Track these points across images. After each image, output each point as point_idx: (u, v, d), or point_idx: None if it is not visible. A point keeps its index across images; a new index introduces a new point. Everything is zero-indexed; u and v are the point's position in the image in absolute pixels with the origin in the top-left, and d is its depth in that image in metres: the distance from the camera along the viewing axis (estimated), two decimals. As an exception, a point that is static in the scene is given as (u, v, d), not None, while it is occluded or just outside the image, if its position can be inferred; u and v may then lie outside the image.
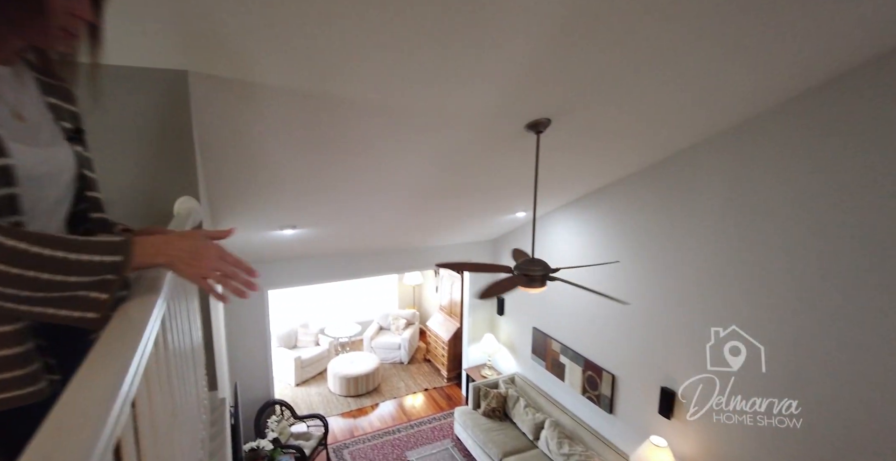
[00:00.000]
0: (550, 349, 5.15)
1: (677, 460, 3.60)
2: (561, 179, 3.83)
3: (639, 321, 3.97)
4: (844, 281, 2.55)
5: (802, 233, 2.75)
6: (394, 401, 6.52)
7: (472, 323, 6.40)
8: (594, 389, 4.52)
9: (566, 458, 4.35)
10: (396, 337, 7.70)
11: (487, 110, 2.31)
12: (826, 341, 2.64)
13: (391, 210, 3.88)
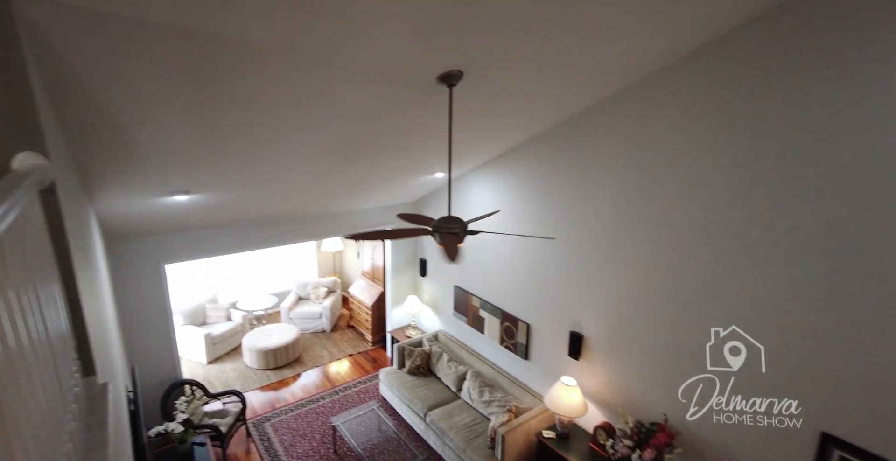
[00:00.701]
0: (471, 305, 5.33)
1: (585, 395, 3.98)
2: (476, 137, 3.81)
3: (550, 274, 4.22)
4: (730, 221, 2.88)
5: (696, 185, 3.03)
6: (317, 370, 6.42)
7: (396, 286, 6.40)
8: (511, 339, 4.80)
9: (486, 405, 4.63)
10: (317, 306, 7.49)
11: (396, 57, 2.16)
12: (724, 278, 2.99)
13: (299, 171, 3.60)
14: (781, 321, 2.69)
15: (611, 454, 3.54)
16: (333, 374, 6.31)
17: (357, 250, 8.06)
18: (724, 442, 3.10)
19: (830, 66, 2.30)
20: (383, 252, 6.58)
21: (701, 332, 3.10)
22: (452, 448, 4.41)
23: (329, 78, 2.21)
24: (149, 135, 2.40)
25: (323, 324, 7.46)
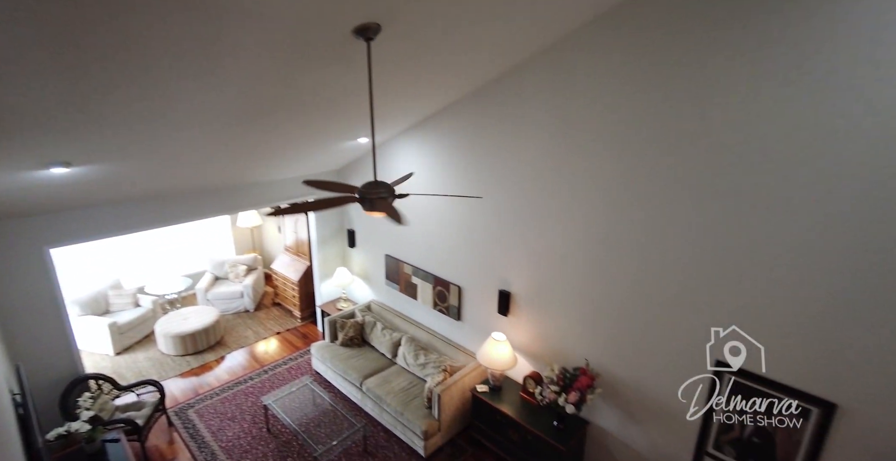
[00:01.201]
0: (403, 272, 5.32)
1: (514, 349, 4.20)
2: (400, 98, 3.66)
3: (479, 237, 4.30)
4: (650, 179, 3.08)
5: (613, 143, 3.18)
6: (243, 351, 6.11)
7: (323, 259, 6.18)
8: (444, 302, 4.89)
9: (422, 367, 4.72)
10: (237, 285, 7.05)
11: (305, 4, 1.95)
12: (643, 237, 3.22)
13: (198, 136, 3.23)
14: (691, 256, 2.98)
15: (539, 400, 3.80)
16: (261, 354, 6.05)
17: (277, 224, 7.62)
18: (637, 379, 3.46)
19: (734, 26, 2.48)
20: (307, 225, 6.28)
21: (621, 284, 3.36)
22: (390, 412, 4.48)
23: (217, 17, 1.91)
24: (8, 85, 1.97)
25: (245, 303, 7.06)
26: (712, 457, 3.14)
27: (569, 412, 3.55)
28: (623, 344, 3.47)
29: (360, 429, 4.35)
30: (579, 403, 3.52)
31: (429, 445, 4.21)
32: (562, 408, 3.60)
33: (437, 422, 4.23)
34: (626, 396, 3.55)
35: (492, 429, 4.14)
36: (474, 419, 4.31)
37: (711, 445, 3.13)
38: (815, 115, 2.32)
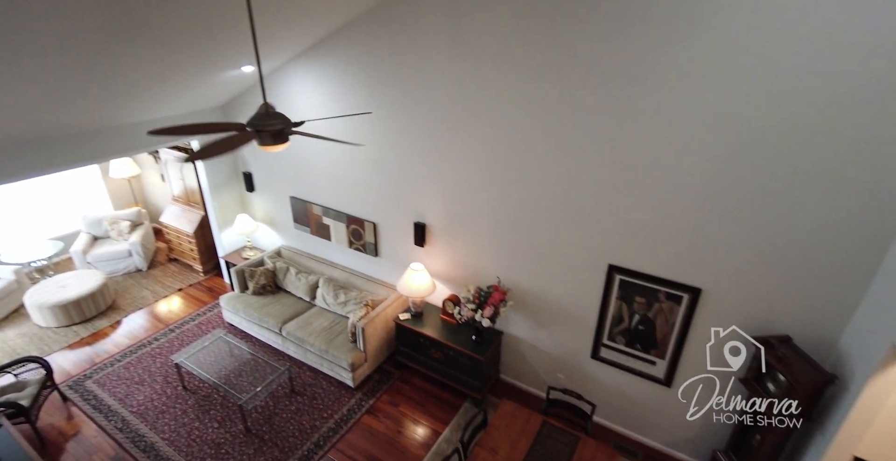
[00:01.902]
0: (312, 214, 5.07)
1: (432, 276, 4.32)
2: (281, 15, 3.21)
3: (390, 170, 4.17)
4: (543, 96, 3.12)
5: (512, 66, 3.14)
6: (142, 313, 5.59)
7: (220, 207, 5.65)
8: (359, 240, 4.80)
9: (343, 305, 4.71)
10: (121, 244, 6.26)
11: None
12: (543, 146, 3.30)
13: (44, 73, 2.59)
14: (581, 179, 3.19)
15: (458, 319, 4.02)
16: (164, 313, 5.58)
17: (160, 172, 6.74)
18: (542, 289, 3.77)
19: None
20: (195, 171, 5.62)
21: (523, 207, 3.51)
22: (314, 352, 4.47)
23: None
24: None
25: (135, 262, 6.34)
26: (607, 346, 3.62)
27: (485, 326, 3.81)
28: (528, 259, 3.72)
29: (285, 371, 4.31)
30: (494, 317, 3.78)
31: (356, 376, 4.32)
32: (479, 323, 3.85)
33: (363, 354, 4.32)
34: (534, 305, 3.88)
35: (416, 351, 4.34)
36: (399, 345, 4.48)
37: (606, 337, 3.59)
38: (692, 24, 2.48)
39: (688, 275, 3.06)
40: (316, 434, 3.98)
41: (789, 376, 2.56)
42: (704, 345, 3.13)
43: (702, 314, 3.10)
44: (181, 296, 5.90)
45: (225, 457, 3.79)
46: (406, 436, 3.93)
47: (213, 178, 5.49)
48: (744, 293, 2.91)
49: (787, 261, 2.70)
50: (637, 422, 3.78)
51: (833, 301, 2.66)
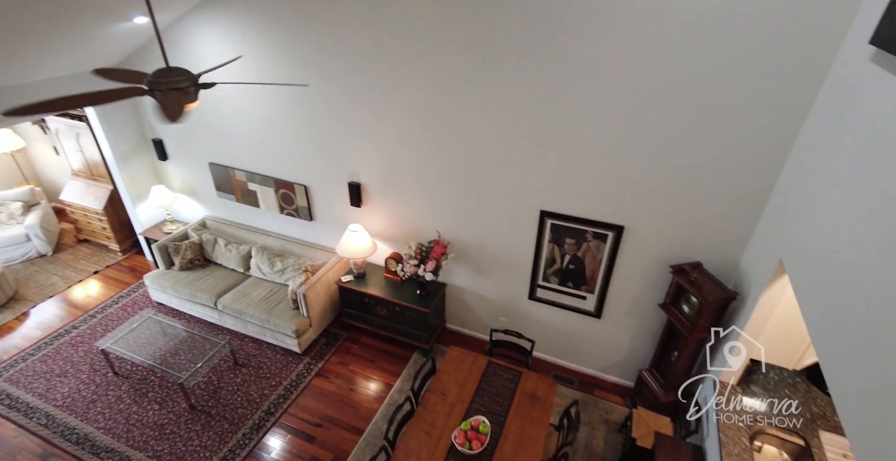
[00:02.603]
0: (236, 180, 4.76)
1: (372, 236, 4.27)
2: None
3: (318, 129, 3.96)
4: (460, 46, 3.05)
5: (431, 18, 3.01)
6: (54, 301, 5.07)
7: (130, 179, 5.13)
8: (291, 204, 4.60)
9: (281, 273, 4.56)
10: (15, 228, 5.54)
11: None
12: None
13: None
14: (509, 131, 3.22)
15: (402, 276, 4.04)
16: (81, 299, 5.11)
17: (52, 144, 5.94)
18: (481, 239, 3.87)
19: None
20: (95, 140, 5.01)
21: (456, 160, 3.51)
22: (255, 322, 4.34)
23: None
24: None
25: (37, 247, 5.67)
26: (543, 287, 3.83)
27: (428, 279, 3.88)
28: (466, 212, 3.77)
29: (225, 344, 4.16)
30: (436, 270, 3.85)
31: (302, 341, 4.27)
32: (422, 277, 3.90)
33: (307, 319, 4.26)
34: (474, 255, 3.98)
35: (362, 311, 4.35)
36: (344, 307, 4.45)
37: (541, 279, 3.79)
38: None
39: (611, 214, 3.26)
40: (266, 402, 3.93)
41: (700, 297, 2.87)
42: (629, 277, 3.41)
43: (625, 249, 3.35)
44: (99, 279, 5.41)
45: (170, 437, 3.66)
46: (358, 393, 4.00)
47: (118, 147, 4.94)
48: (660, 227, 3.16)
49: (694, 197, 2.96)
50: (572, 352, 4.11)
51: (734, 229, 2.97)
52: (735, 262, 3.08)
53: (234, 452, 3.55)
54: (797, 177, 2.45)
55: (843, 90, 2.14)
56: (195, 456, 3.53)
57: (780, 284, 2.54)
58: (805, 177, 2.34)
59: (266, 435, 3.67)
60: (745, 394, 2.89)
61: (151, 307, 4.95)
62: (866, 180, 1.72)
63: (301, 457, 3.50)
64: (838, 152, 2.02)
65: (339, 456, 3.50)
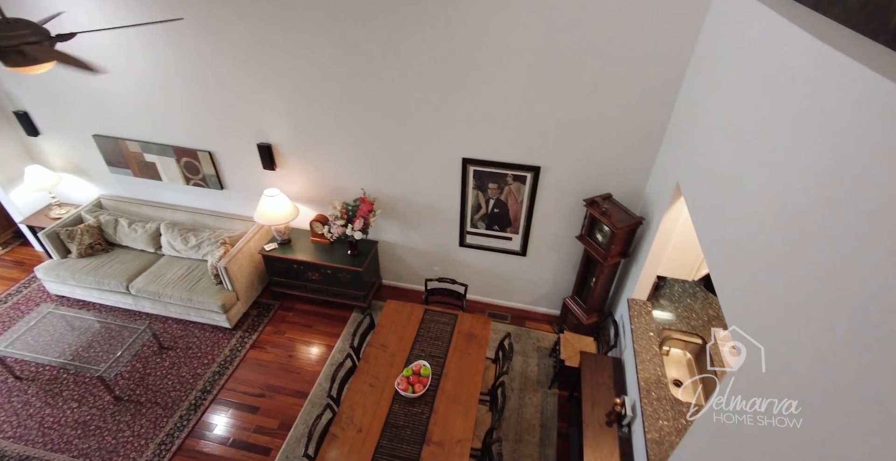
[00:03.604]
0: (129, 152, 4.27)
1: (292, 199, 4.07)
2: None
3: (215, 89, 3.59)
4: None
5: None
6: (-78, 308, 4.39)
7: (-7, 161, 4.42)
8: (197, 174, 4.24)
9: (196, 249, 4.25)
10: None
11: None
12: (358, 47, 3.10)
13: None
14: (428, 83, 3.14)
15: (329, 238, 3.94)
16: (-42, 303, 4.47)
17: None
18: (407, 193, 3.84)
19: None
20: (-63, 115, 4.21)
21: (373, 112, 3.37)
22: (176, 303, 4.06)
23: None
24: None
25: None
26: (471, 233, 3.92)
27: (358, 238, 3.81)
28: (389, 167, 3.70)
29: (145, 329, 3.87)
30: (365, 228, 3.78)
31: (231, 316, 4.08)
32: (351, 237, 3.83)
33: (233, 293, 4.05)
34: (402, 210, 3.96)
35: (292, 278, 4.21)
36: (272, 276, 4.28)
37: (469, 225, 3.87)
38: None
39: (527, 156, 3.36)
40: (200, 381, 3.76)
41: (611, 225, 3.09)
42: (549, 215, 3.59)
43: (543, 188, 3.49)
44: (-23, 279, 4.74)
45: (97, 433, 3.41)
46: (299, 359, 3.95)
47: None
48: (572, 164, 3.31)
49: (601, 134, 3.12)
50: (504, 291, 4.31)
51: (639, 159, 3.18)
52: (641, 190, 3.33)
53: (173, 436, 3.40)
54: (689, 106, 2.66)
55: (722, 24, 2.31)
56: (129, 446, 3.34)
57: (677, 206, 2.79)
58: (695, 106, 2.55)
59: (205, 413, 3.55)
60: (655, 308, 3.22)
61: (50, 301, 4.45)
62: (744, 105, 1.91)
63: (246, 429, 3.44)
64: (721, 81, 2.20)
65: (286, 421, 3.48)
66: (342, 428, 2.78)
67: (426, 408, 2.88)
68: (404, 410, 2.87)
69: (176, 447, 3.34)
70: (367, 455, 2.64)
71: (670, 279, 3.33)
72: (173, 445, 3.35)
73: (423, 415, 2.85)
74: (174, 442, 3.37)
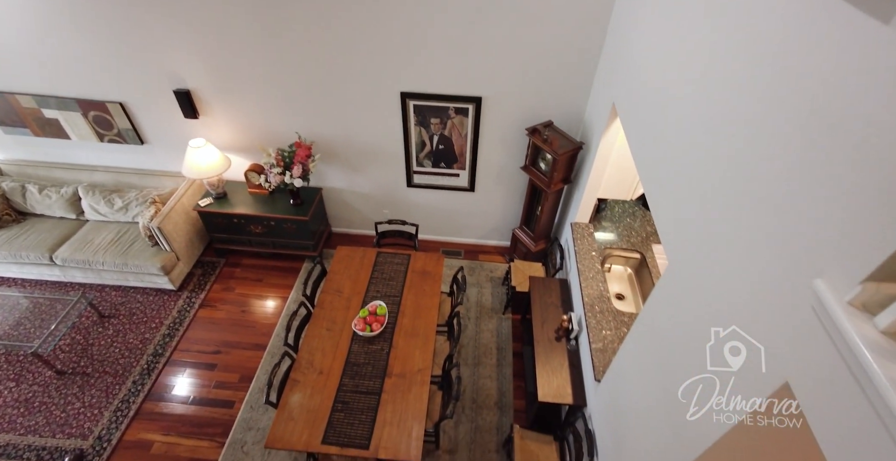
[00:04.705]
0: (23, 109, 3.77)
1: (221, 149, 3.79)
2: None
3: (115, 28, 3.15)
4: None
5: None
6: None
7: None
8: (110, 129, 3.83)
9: (124, 211, 3.93)
10: None
11: None
12: None
13: None
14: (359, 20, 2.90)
15: (268, 188, 3.74)
16: None
17: None
18: (346, 134, 3.66)
19: None
20: None
21: (301, 49, 3.10)
22: (111, 269, 3.80)
23: None
24: None
25: None
26: (418, 172, 3.85)
27: (298, 186, 3.64)
28: (324, 107, 3.49)
29: (79, 300, 3.63)
30: (305, 175, 3.61)
31: (174, 277, 3.89)
32: (291, 185, 3.65)
33: (172, 254, 3.84)
34: (343, 153, 3.79)
35: (234, 233, 4.02)
36: (212, 233, 4.07)
37: (415, 164, 3.79)
38: None
39: (468, 87, 3.25)
40: (150, 345, 3.63)
41: (552, 152, 3.10)
42: (493, 147, 3.55)
43: (486, 120, 3.43)
44: None
45: (42, 409, 3.26)
46: (252, 313, 3.87)
47: None
48: (514, 93, 3.25)
49: (539, 60, 3.05)
50: (455, 228, 4.34)
51: (577, 83, 3.16)
52: (580, 115, 3.34)
53: (128, 401, 3.31)
54: (621, 26, 2.63)
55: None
56: (82, 417, 3.23)
57: (614, 128, 2.83)
58: (627, 24, 2.52)
59: (160, 376, 3.45)
60: (597, 230, 3.34)
61: (-38, 282, 4.06)
62: (669, 19, 1.89)
63: (206, 386, 3.39)
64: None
65: (246, 374, 3.46)
66: (302, 372, 2.78)
67: (385, 345, 2.93)
68: (364, 349, 2.90)
69: (133, 412, 3.26)
70: (330, 394, 2.68)
71: (611, 201, 3.45)
72: (130, 410, 3.26)
73: (382, 351, 2.90)
74: (130, 407, 3.28)
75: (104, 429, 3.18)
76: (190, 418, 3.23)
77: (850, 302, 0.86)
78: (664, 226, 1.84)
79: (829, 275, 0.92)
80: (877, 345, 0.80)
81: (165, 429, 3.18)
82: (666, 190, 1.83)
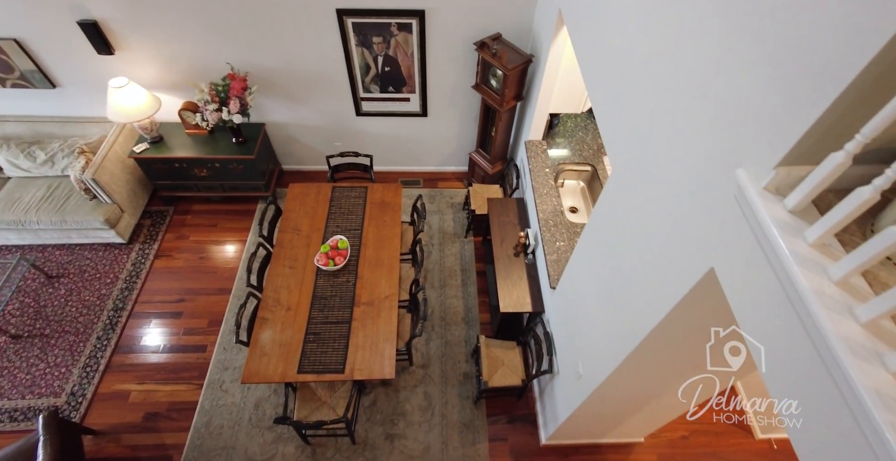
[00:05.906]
0: None
1: (147, 88, 3.45)
2: None
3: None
4: None
5: None
6: None
7: None
8: (11, 72, 3.40)
9: (50, 164, 3.61)
10: None
11: None
12: None
13: None
14: None
15: (206, 127, 3.48)
16: None
17: None
18: (285, 61, 3.38)
19: None
20: None
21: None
22: (48, 227, 3.56)
23: None
24: None
25: None
26: (366, 99, 3.66)
27: (238, 122, 3.41)
28: (253, 32, 3.18)
29: (18, 262, 3.43)
30: (244, 110, 3.37)
31: (121, 230, 3.70)
32: (230, 122, 3.41)
33: (114, 205, 3.61)
34: (283, 83, 3.54)
35: (177, 179, 3.79)
36: (154, 180, 3.83)
37: (362, 90, 3.59)
38: None
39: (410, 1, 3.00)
40: (109, 300, 3.53)
41: (502, 67, 2.98)
42: (442, 66, 3.38)
43: (432, 35, 3.22)
44: None
45: (5, 373, 3.21)
46: (211, 259, 3.78)
47: None
48: (459, 3, 3.03)
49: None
50: (411, 156, 4.25)
51: (524, -8, 2.97)
52: (529, 25, 3.18)
53: (96, 357, 3.27)
54: None
55: None
56: (49, 377, 3.19)
57: (562, 37, 2.71)
58: None
59: (125, 329, 3.40)
60: (550, 146, 3.33)
61: None
62: None
63: (175, 333, 3.38)
64: None
65: (215, 318, 3.45)
66: (270, 310, 2.79)
67: (351, 277, 2.94)
68: (329, 283, 2.91)
69: (103, 366, 3.23)
70: (300, 327, 2.72)
71: (563, 115, 3.41)
72: (99, 365, 3.24)
73: (348, 283, 2.92)
74: (99, 362, 3.25)
75: (76, 385, 3.16)
76: (164, 365, 3.24)
77: (766, 187, 0.93)
78: (608, 133, 1.85)
79: (749, 165, 0.98)
80: (783, 223, 0.89)
81: (140, 378, 3.19)
82: (609, 96, 1.82)
